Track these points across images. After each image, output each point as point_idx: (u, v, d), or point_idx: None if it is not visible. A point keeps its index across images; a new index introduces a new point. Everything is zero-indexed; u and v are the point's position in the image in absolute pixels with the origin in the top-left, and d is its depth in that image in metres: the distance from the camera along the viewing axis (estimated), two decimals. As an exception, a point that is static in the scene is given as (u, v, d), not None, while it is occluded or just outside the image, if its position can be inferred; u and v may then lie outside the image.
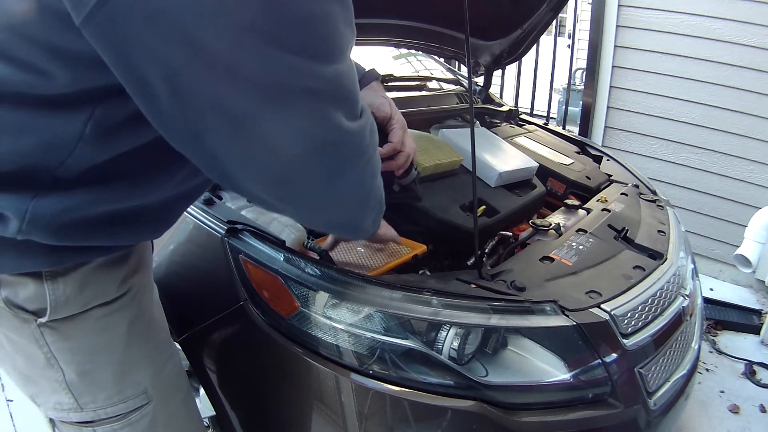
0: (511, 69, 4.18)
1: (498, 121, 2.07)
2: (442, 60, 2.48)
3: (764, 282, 2.56)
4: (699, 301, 1.45)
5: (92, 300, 0.75)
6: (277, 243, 1.02)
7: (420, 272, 1.20)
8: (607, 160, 2.01)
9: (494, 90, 2.33)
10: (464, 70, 2.94)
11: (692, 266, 1.47)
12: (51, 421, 0.85)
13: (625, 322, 1.04)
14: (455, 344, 0.92)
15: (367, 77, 0.97)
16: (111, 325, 0.78)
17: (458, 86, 2.17)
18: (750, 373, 2.06)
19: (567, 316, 0.98)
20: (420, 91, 2.01)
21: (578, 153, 2.02)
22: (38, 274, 0.70)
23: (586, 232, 1.32)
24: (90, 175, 0.63)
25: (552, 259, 1.17)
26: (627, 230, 1.37)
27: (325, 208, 0.67)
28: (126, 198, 0.68)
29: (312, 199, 0.64)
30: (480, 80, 2.22)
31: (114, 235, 0.72)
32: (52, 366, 0.75)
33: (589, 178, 1.75)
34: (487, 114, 2.08)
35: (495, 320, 0.95)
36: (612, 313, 1.01)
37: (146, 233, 0.79)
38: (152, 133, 0.59)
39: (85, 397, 0.78)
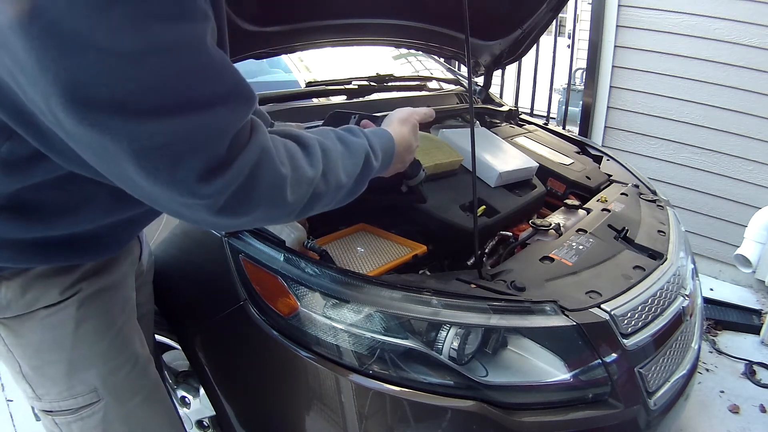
0: (511, 69, 4.18)
1: (498, 121, 2.07)
2: (442, 60, 2.48)
3: (764, 282, 2.56)
4: (699, 301, 1.45)
5: (34, 303, 0.78)
6: (277, 243, 1.02)
7: (420, 272, 1.20)
8: (607, 160, 2.01)
9: (494, 90, 2.33)
10: (464, 70, 2.94)
11: (692, 266, 1.47)
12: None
13: (625, 322, 1.04)
14: (455, 344, 0.92)
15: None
16: (57, 324, 0.80)
17: (458, 86, 2.17)
18: (750, 373, 2.06)
19: (567, 316, 0.98)
20: (420, 91, 2.01)
21: (578, 153, 2.02)
22: None
23: (586, 232, 1.32)
24: (8, 203, 0.66)
25: (552, 259, 1.17)
26: (627, 230, 1.37)
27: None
28: (51, 227, 0.71)
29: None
30: (480, 80, 2.22)
31: (48, 258, 0.75)
32: (10, 358, 0.82)
33: (589, 178, 1.75)
34: (487, 114, 2.08)
35: (495, 320, 0.95)
36: (612, 313, 1.01)
37: (87, 257, 0.81)
38: (62, 167, 0.62)
39: (40, 389, 0.84)
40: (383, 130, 0.90)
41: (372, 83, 1.80)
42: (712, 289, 2.72)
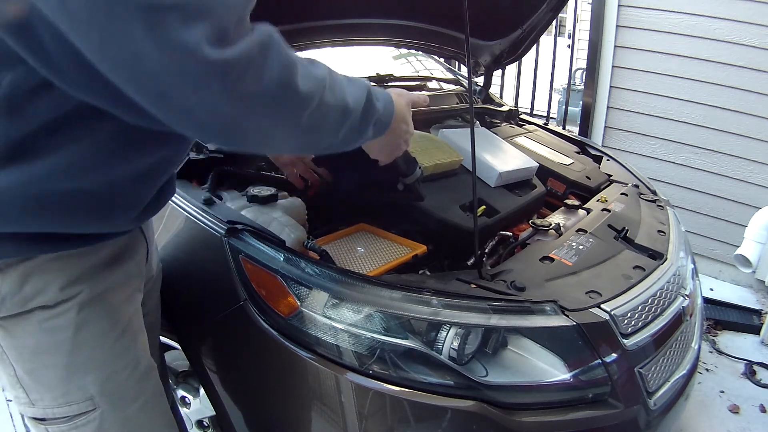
0: (511, 69, 4.18)
1: (498, 121, 2.07)
2: (442, 60, 2.48)
3: (764, 282, 2.56)
4: (699, 301, 1.45)
5: (31, 299, 0.75)
6: (277, 243, 1.02)
7: (420, 272, 1.20)
8: (607, 160, 2.01)
9: (494, 90, 2.33)
10: (464, 70, 2.94)
11: (692, 266, 1.47)
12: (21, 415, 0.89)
13: (625, 322, 1.04)
14: (455, 344, 0.92)
15: None
16: (56, 327, 0.78)
17: (458, 86, 2.17)
18: (750, 373, 2.06)
19: (567, 316, 0.98)
20: (420, 91, 2.01)
21: (578, 153, 2.02)
22: None
23: (586, 232, 1.32)
24: (17, 152, 0.64)
25: (552, 259, 1.17)
26: (627, 230, 1.37)
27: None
28: (56, 179, 0.67)
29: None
30: (480, 80, 2.22)
31: (54, 219, 0.71)
32: (4, 361, 0.79)
33: (589, 178, 1.75)
34: (487, 114, 2.08)
35: (495, 320, 0.95)
36: (612, 313, 1.01)
37: (96, 223, 0.76)
38: (70, 99, 0.60)
39: (35, 394, 0.81)
40: (381, 89, 0.90)
41: (372, 83, 1.79)
42: (712, 289, 2.72)
